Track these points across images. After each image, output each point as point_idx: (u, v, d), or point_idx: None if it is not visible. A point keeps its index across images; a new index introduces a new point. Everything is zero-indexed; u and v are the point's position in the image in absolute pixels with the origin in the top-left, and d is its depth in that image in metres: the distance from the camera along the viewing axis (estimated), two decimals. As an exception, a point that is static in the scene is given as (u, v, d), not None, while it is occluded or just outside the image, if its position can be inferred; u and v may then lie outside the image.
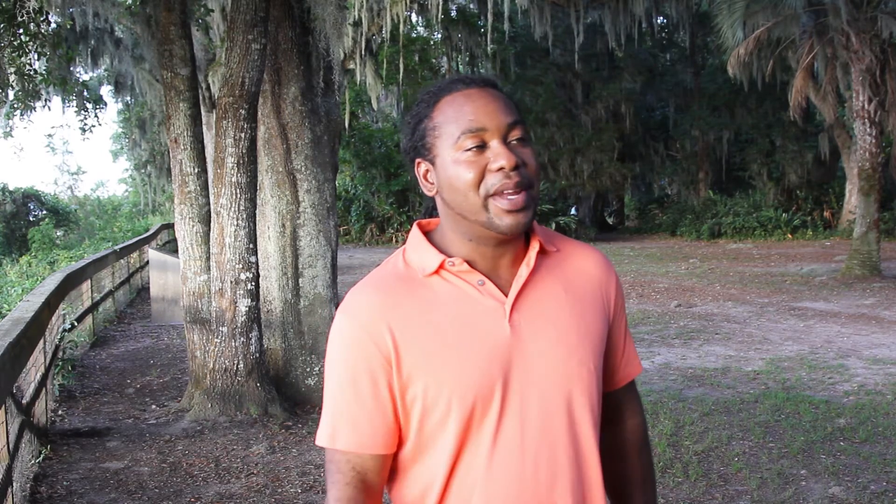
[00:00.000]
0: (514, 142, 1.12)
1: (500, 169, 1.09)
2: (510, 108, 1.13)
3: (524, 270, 1.16)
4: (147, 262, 12.67)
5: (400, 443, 1.16)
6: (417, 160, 1.18)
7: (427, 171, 1.17)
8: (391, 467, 1.18)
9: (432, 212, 1.28)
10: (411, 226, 1.24)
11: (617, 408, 1.33)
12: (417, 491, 1.15)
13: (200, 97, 6.75)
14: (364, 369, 1.12)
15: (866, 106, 12.88)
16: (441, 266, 1.15)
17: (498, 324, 1.13)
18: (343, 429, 1.13)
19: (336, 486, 1.13)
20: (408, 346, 1.11)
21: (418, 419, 1.12)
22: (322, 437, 1.16)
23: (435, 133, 1.14)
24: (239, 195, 5.25)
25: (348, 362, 1.13)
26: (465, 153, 1.10)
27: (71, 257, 14.47)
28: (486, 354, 1.11)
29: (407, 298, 1.13)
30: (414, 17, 20.23)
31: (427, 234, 1.21)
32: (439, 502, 1.13)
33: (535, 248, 1.17)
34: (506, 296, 1.14)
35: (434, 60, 24.01)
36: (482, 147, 1.11)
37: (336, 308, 5.99)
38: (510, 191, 1.09)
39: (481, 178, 1.10)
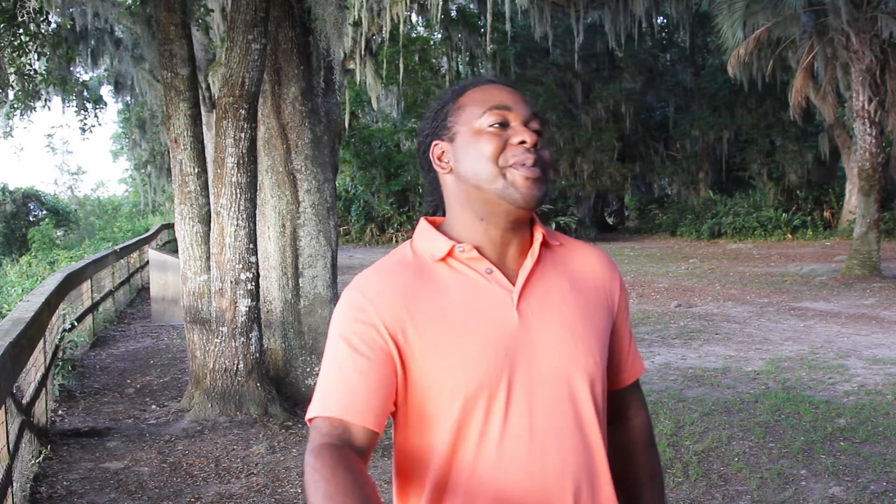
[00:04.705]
0: (533, 131, 1.17)
1: (521, 143, 1.14)
2: (532, 105, 1.20)
3: (529, 261, 1.18)
4: (147, 262, 12.67)
5: (404, 427, 1.15)
6: (434, 142, 1.21)
7: (443, 152, 1.20)
8: (395, 452, 1.18)
9: (434, 213, 1.29)
10: (412, 225, 1.25)
11: (622, 407, 1.34)
12: (422, 476, 1.15)
13: (200, 97, 6.76)
14: (365, 343, 1.10)
15: (866, 106, 12.88)
16: (450, 252, 1.16)
17: (506, 311, 1.14)
18: (334, 396, 1.08)
19: (311, 442, 1.05)
20: (415, 330, 1.11)
21: (422, 403, 1.12)
22: (312, 409, 1.10)
23: (458, 113, 1.19)
24: (239, 195, 5.25)
25: (352, 336, 1.11)
26: (488, 127, 1.15)
27: (71, 257, 14.45)
28: (494, 341, 1.12)
29: (415, 283, 1.14)
30: (414, 17, 20.24)
31: (435, 227, 1.23)
32: (444, 487, 1.12)
33: (538, 239, 1.20)
34: (513, 285, 1.16)
35: (434, 60, 24.02)
36: (504, 125, 1.16)
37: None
38: (529, 163, 1.13)
39: (501, 150, 1.14)
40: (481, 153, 1.14)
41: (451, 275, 1.16)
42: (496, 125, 1.15)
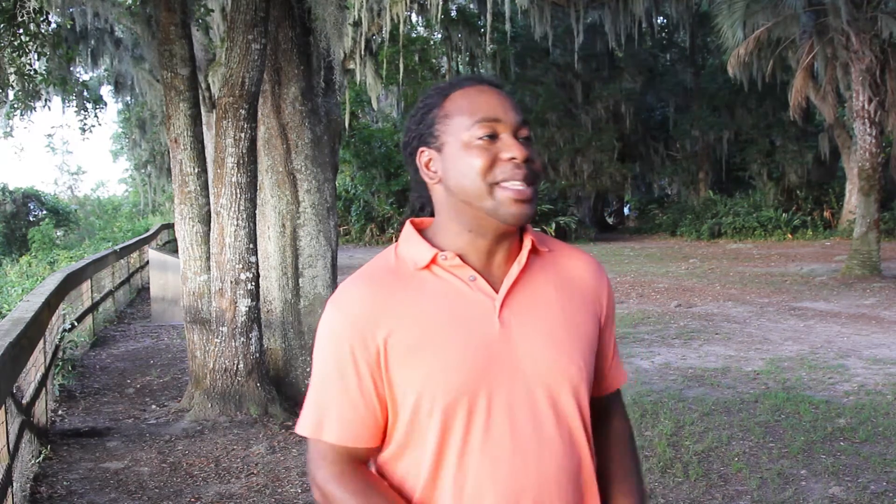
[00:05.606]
0: (522, 140, 1.15)
1: (511, 159, 1.12)
2: (519, 108, 1.17)
3: (515, 268, 1.17)
4: (147, 262, 12.67)
5: (388, 436, 1.16)
6: (421, 149, 1.19)
7: (430, 159, 1.18)
8: (381, 460, 1.18)
9: (419, 212, 1.28)
10: (403, 224, 1.24)
11: (602, 413, 1.32)
12: (406, 484, 1.15)
13: (200, 97, 6.75)
14: (351, 362, 1.12)
15: (866, 106, 12.87)
16: (433, 260, 1.16)
17: (488, 319, 1.13)
18: (330, 420, 1.14)
19: (322, 469, 1.15)
20: (396, 340, 1.11)
21: (406, 412, 1.12)
22: (306, 427, 1.16)
23: (446, 121, 1.16)
24: (239, 195, 5.25)
25: (336, 354, 1.13)
26: (477, 140, 1.13)
27: (71, 257, 14.45)
28: (473, 349, 1.11)
29: (397, 292, 1.14)
30: (414, 17, 20.22)
31: (420, 231, 1.22)
32: (428, 495, 1.13)
33: (527, 246, 1.18)
34: (497, 292, 1.15)
35: (434, 60, 23.99)
36: (493, 137, 1.13)
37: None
38: (519, 181, 1.11)
39: (491, 165, 1.12)
40: (470, 169, 1.12)
41: (434, 282, 1.15)
42: (485, 137, 1.13)
